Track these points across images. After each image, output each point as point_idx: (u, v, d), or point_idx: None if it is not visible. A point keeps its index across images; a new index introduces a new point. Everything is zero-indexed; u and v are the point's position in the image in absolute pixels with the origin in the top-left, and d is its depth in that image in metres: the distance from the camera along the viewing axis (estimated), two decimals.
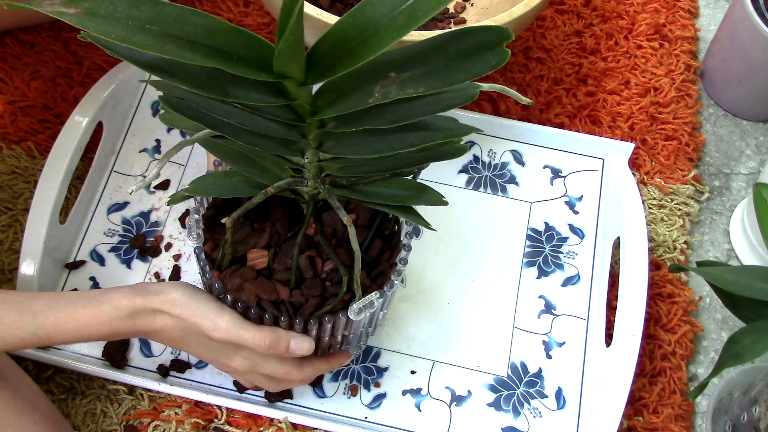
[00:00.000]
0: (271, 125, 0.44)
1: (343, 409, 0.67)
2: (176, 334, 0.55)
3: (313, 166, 0.49)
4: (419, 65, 0.39)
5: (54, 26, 0.84)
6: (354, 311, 0.53)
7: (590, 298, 0.73)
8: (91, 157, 0.75)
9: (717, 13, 0.95)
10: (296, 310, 0.55)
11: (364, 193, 0.51)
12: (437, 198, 0.51)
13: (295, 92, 0.40)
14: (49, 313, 0.54)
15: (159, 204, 0.75)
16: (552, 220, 0.77)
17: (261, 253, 0.56)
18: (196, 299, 0.54)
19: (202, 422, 0.65)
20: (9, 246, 0.72)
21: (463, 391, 0.69)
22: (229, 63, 0.37)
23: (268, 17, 0.87)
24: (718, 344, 0.74)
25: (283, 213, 0.57)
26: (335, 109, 0.41)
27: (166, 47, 0.36)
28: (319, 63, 0.39)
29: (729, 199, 0.83)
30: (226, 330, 0.53)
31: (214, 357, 0.58)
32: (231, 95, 0.39)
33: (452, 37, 0.39)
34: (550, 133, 0.80)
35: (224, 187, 0.52)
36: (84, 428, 0.65)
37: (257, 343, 0.54)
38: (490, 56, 0.38)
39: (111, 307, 0.54)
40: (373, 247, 0.58)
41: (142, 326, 0.55)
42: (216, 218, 0.58)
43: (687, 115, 0.85)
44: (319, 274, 0.56)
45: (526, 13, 0.66)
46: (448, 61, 0.39)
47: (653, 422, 0.69)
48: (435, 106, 0.42)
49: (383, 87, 0.39)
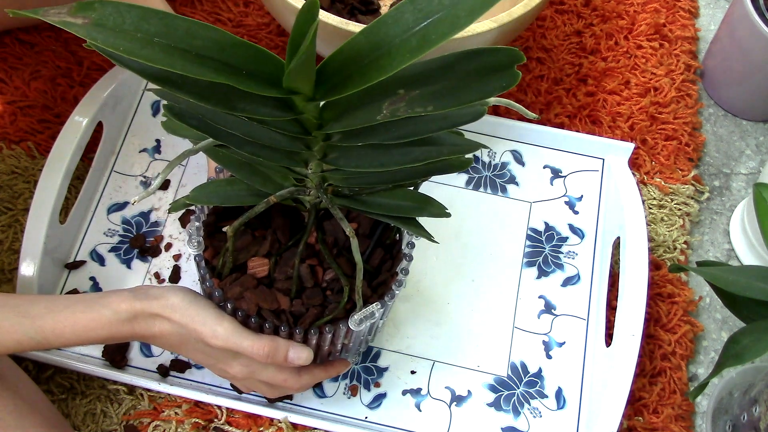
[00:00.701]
0: (276, 137, 0.44)
1: (343, 409, 0.67)
2: (175, 339, 0.55)
3: (316, 176, 0.49)
4: (429, 84, 0.39)
5: (54, 26, 0.84)
6: (355, 321, 0.52)
7: (590, 298, 0.73)
8: (91, 157, 0.75)
9: (717, 13, 0.95)
10: (296, 320, 0.55)
11: (366, 203, 0.50)
12: (440, 210, 0.51)
13: (302, 107, 0.40)
14: (48, 317, 0.53)
15: (159, 204, 0.75)
16: (552, 220, 0.77)
17: (262, 262, 0.55)
18: (195, 305, 0.54)
19: (202, 422, 0.65)
20: (9, 246, 0.72)
21: (463, 391, 0.69)
22: (238, 78, 0.37)
23: (268, 17, 0.87)
24: (718, 344, 0.74)
25: (285, 221, 0.56)
26: (342, 123, 0.41)
27: (175, 62, 0.35)
28: (328, 79, 0.39)
29: (729, 199, 0.82)
30: (225, 338, 0.53)
31: (213, 363, 0.58)
32: (238, 109, 0.39)
33: (463, 57, 0.39)
34: (550, 133, 0.80)
35: (226, 195, 0.51)
36: (84, 428, 0.65)
37: (256, 351, 0.54)
38: (500, 77, 0.38)
39: (110, 311, 0.54)
40: (374, 256, 0.57)
41: (141, 330, 0.55)
42: (216, 225, 0.58)
43: (687, 115, 0.85)
44: (320, 283, 0.56)
45: (526, 13, 0.66)
46: (458, 80, 0.38)
47: (653, 422, 0.69)
48: (442, 123, 0.42)
49: (392, 104, 0.38)
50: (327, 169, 0.48)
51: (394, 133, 0.42)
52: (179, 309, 0.54)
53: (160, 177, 0.45)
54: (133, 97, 0.80)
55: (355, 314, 0.52)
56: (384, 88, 0.39)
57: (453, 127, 0.42)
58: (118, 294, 0.55)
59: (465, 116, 0.42)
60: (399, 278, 0.55)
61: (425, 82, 0.39)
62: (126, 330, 0.55)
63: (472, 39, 0.65)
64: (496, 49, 0.38)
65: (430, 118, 0.42)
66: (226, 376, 0.59)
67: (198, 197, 0.51)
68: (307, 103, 0.40)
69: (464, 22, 0.36)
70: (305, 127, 0.43)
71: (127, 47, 0.35)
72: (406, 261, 0.55)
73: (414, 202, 0.50)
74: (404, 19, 0.37)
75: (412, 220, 0.51)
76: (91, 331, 0.54)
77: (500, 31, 0.66)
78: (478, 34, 0.65)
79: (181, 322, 0.54)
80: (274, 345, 0.54)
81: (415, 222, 0.51)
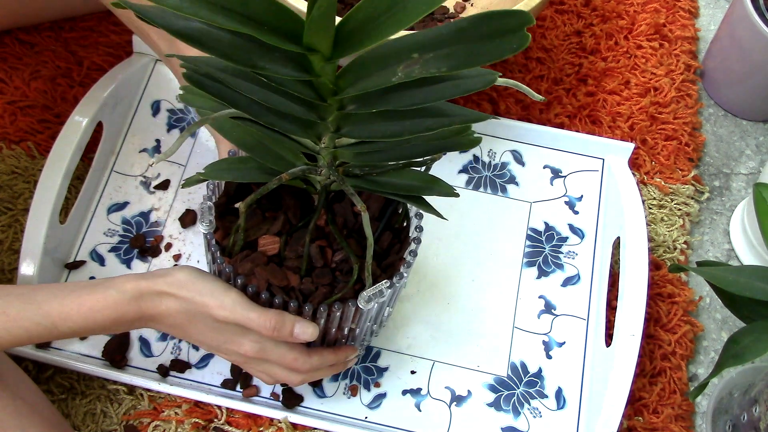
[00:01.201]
0: (292, 105, 0.45)
1: (343, 409, 0.67)
2: (182, 318, 0.55)
3: (328, 152, 0.49)
4: (442, 47, 0.40)
5: (54, 26, 0.84)
6: (364, 299, 0.53)
7: (590, 298, 0.73)
8: (91, 157, 0.75)
9: (717, 13, 0.95)
10: (305, 298, 0.55)
11: (377, 183, 0.52)
12: (448, 189, 0.52)
13: (320, 68, 0.41)
14: (54, 301, 0.53)
15: (159, 204, 0.75)
16: (552, 220, 0.77)
17: (272, 239, 0.56)
18: (202, 279, 0.54)
19: (202, 422, 0.65)
20: (9, 246, 0.72)
21: (463, 391, 0.69)
22: (260, 31, 0.38)
23: None
24: (718, 344, 0.74)
25: (295, 203, 0.57)
26: (357, 87, 0.42)
27: (201, 11, 0.37)
28: (346, 37, 0.40)
29: (729, 199, 0.83)
30: (232, 308, 0.53)
31: (222, 342, 0.56)
32: (259, 67, 0.40)
33: (475, 21, 0.40)
34: (550, 133, 0.80)
35: (238, 172, 0.52)
36: (84, 428, 0.65)
37: (262, 323, 0.53)
38: (511, 39, 0.39)
39: (116, 290, 0.54)
40: (383, 239, 0.58)
41: (148, 309, 0.54)
42: (227, 207, 0.58)
43: (687, 115, 0.85)
44: (329, 264, 0.56)
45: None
46: (471, 43, 0.39)
47: (653, 422, 0.69)
48: (454, 90, 0.42)
49: (406, 66, 0.40)
50: (339, 145, 0.49)
51: (408, 100, 0.43)
52: (186, 284, 0.54)
53: (177, 141, 0.46)
54: (133, 97, 0.80)
55: (364, 291, 0.53)
56: (398, 52, 0.40)
57: (465, 93, 0.42)
58: (125, 276, 0.55)
59: (476, 83, 0.42)
60: (408, 260, 0.55)
61: (439, 46, 0.40)
62: (132, 310, 0.54)
63: None
64: (506, 12, 0.39)
65: (443, 85, 0.42)
66: (236, 360, 0.58)
67: (211, 173, 0.52)
68: (325, 63, 0.41)
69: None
70: (321, 94, 0.44)
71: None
72: (414, 244, 0.56)
73: (422, 182, 0.52)
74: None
75: (420, 198, 0.52)
76: (97, 312, 0.53)
77: None
78: None
79: (187, 297, 0.53)
80: (281, 318, 0.54)
81: (424, 200, 0.52)
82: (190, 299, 0.54)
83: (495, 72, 0.43)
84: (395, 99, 0.43)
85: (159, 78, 0.81)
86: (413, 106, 0.43)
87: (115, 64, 0.80)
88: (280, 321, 0.54)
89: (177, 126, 0.79)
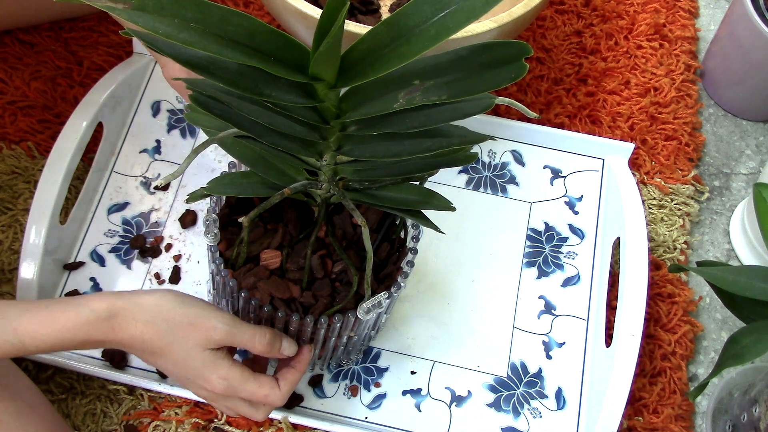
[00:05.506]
0: (295, 126, 0.46)
1: (343, 410, 0.67)
2: (155, 344, 0.53)
3: (329, 168, 0.50)
4: (442, 75, 0.42)
5: (54, 26, 0.84)
6: (363, 310, 0.54)
7: (590, 298, 0.73)
8: (91, 157, 0.75)
9: (717, 13, 0.95)
10: (306, 310, 0.56)
11: (376, 197, 0.53)
12: (445, 203, 0.53)
13: (324, 94, 0.43)
14: (24, 318, 0.51)
15: (159, 204, 0.75)
16: (552, 220, 0.77)
17: (274, 254, 0.57)
18: (189, 305, 0.53)
19: (202, 422, 0.65)
20: (9, 246, 0.72)
21: (463, 391, 0.69)
22: (267, 63, 0.39)
23: (268, 17, 0.87)
24: (718, 344, 0.74)
25: (296, 215, 0.58)
26: (360, 112, 0.43)
27: (210, 45, 0.38)
28: (350, 67, 0.41)
29: (729, 199, 0.83)
30: (226, 330, 0.53)
31: (191, 375, 0.55)
32: (265, 94, 0.41)
33: (475, 50, 0.41)
34: (550, 133, 0.80)
35: (241, 187, 0.53)
36: (84, 428, 0.65)
37: (259, 338, 0.54)
38: (509, 69, 0.41)
39: (88, 309, 0.52)
40: (381, 249, 0.59)
41: (120, 330, 0.52)
42: (230, 218, 0.59)
43: (687, 115, 0.85)
44: (329, 275, 0.57)
45: (526, 13, 0.66)
46: (470, 72, 0.41)
47: (653, 422, 0.69)
48: (453, 114, 0.44)
49: (408, 93, 0.41)
50: (340, 162, 0.50)
51: (408, 123, 0.44)
52: (168, 311, 0.53)
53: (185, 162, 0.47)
54: (133, 97, 0.80)
55: (364, 303, 0.54)
56: (400, 79, 0.42)
57: (464, 117, 0.44)
58: (98, 294, 0.54)
59: (475, 108, 0.44)
60: (405, 270, 0.56)
61: (439, 74, 0.42)
62: (104, 330, 0.52)
63: (472, 39, 0.65)
64: (505, 42, 0.41)
65: (443, 109, 0.44)
66: (204, 395, 0.57)
67: (214, 188, 0.53)
68: (329, 90, 0.42)
69: (479, 11, 0.38)
70: (324, 117, 0.45)
71: (166, 31, 0.37)
72: (411, 254, 0.57)
73: (420, 196, 0.53)
74: (423, 10, 0.40)
75: (418, 212, 0.53)
76: (67, 332, 0.52)
77: (500, 31, 0.66)
78: (478, 34, 0.65)
79: (170, 321, 0.52)
80: (273, 333, 0.55)
81: (422, 214, 0.53)
82: (176, 324, 0.53)
83: (493, 96, 0.44)
84: (396, 122, 0.44)
85: (159, 78, 0.81)
86: (414, 129, 0.44)
87: (115, 64, 0.80)
88: (273, 336, 0.55)
89: (177, 126, 0.79)
